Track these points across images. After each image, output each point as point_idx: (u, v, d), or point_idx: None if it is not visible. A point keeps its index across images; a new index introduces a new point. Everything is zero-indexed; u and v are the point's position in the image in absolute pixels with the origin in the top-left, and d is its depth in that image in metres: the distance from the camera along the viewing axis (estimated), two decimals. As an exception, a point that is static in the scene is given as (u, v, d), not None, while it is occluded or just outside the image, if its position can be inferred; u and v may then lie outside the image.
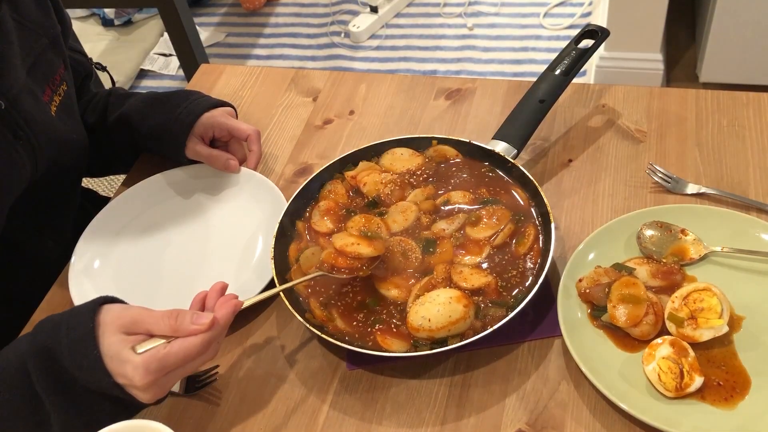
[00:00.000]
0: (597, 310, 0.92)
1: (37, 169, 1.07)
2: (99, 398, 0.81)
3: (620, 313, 0.89)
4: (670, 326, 0.88)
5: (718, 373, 0.85)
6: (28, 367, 0.79)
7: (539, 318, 0.95)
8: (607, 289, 0.91)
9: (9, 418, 0.81)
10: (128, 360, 0.78)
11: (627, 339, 0.90)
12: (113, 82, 1.57)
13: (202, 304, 0.87)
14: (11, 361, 0.81)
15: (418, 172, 1.09)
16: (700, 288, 0.89)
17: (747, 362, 0.86)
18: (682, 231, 0.98)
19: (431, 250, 0.99)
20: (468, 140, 1.10)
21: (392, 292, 0.96)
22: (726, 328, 0.86)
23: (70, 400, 0.80)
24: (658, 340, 0.87)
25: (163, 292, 1.06)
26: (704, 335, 0.86)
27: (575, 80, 1.14)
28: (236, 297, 0.87)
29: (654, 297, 0.91)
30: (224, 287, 0.88)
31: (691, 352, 0.85)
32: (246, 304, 0.88)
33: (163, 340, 0.80)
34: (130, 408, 0.83)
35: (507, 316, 0.89)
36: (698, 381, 0.83)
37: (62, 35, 1.13)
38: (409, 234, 1.02)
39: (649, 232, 0.98)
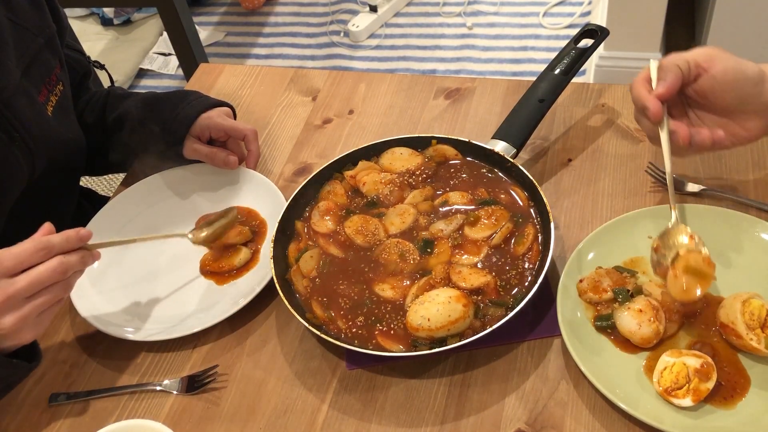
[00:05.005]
0: (601, 319, 0.92)
1: (35, 170, 1.07)
2: None
3: (626, 322, 0.88)
4: (748, 335, 0.84)
5: (718, 373, 0.85)
6: None
7: (539, 318, 0.95)
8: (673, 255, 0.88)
9: None
10: None
11: (627, 341, 0.90)
12: (112, 81, 1.57)
13: None
14: None
15: (417, 172, 1.09)
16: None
17: (747, 362, 0.86)
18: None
19: (429, 250, 0.99)
20: (467, 140, 1.10)
21: (387, 293, 0.96)
22: None
23: None
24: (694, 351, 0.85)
25: (162, 291, 1.06)
26: None
27: (575, 80, 1.14)
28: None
29: (668, 306, 0.90)
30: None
31: (711, 383, 0.82)
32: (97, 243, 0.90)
33: None
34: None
35: (506, 315, 0.89)
36: (688, 402, 0.82)
37: (58, 35, 1.13)
38: (406, 235, 1.02)
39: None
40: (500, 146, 1.07)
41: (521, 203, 1.03)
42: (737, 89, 0.88)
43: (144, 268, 1.10)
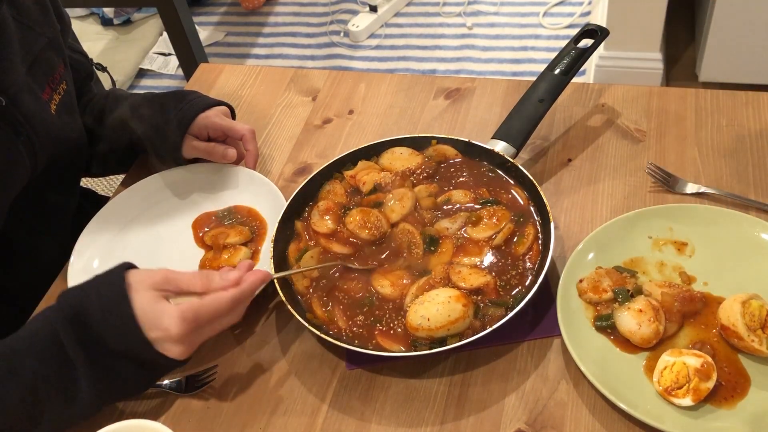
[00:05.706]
0: (601, 319, 0.92)
1: (37, 167, 1.07)
2: (125, 361, 0.83)
3: (626, 322, 0.88)
4: (749, 337, 0.84)
5: (718, 373, 0.85)
6: (59, 334, 0.81)
7: (539, 317, 0.95)
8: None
9: (40, 387, 0.82)
10: (165, 310, 0.81)
11: (627, 341, 0.90)
12: (113, 83, 1.57)
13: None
14: (40, 330, 0.83)
15: (417, 171, 1.09)
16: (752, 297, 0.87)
17: (747, 362, 0.86)
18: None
19: (433, 248, 0.99)
20: (467, 140, 1.10)
21: (386, 290, 0.96)
22: None
23: (98, 365, 0.82)
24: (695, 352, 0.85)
25: (162, 291, 1.06)
26: None
27: (575, 80, 1.14)
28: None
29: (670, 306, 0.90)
30: (252, 265, 0.92)
31: (711, 383, 0.82)
32: (276, 275, 0.94)
33: (194, 297, 0.84)
34: (154, 372, 0.87)
35: (506, 315, 0.89)
36: (688, 401, 0.82)
37: (61, 34, 1.13)
38: (409, 220, 1.02)
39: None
40: (500, 146, 1.07)
41: (521, 203, 1.03)
42: None
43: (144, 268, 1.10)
